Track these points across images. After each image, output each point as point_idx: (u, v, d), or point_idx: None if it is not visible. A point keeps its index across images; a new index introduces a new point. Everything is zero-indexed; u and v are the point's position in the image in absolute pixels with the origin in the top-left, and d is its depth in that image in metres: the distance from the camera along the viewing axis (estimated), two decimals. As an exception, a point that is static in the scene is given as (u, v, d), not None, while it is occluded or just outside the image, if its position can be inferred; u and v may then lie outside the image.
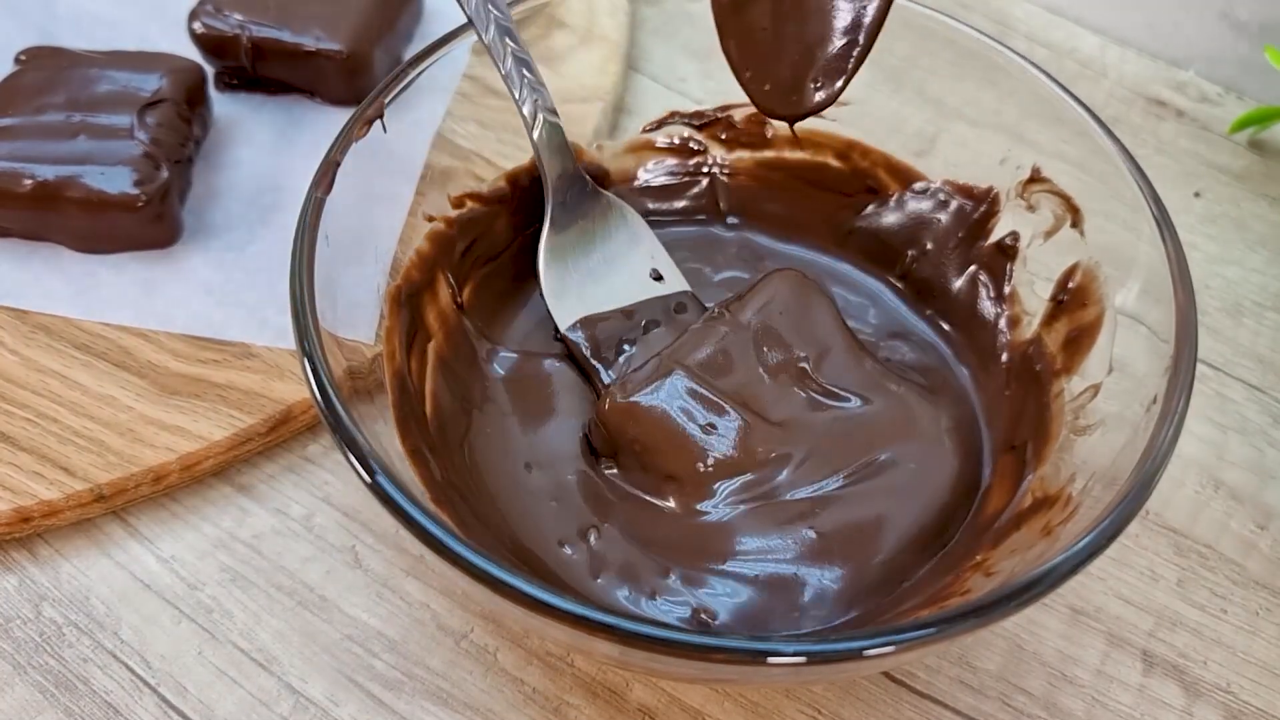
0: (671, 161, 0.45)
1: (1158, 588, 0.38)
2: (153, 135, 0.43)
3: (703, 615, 0.33)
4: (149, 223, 0.43)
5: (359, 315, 0.35)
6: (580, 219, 0.41)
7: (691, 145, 0.45)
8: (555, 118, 0.39)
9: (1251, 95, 0.55)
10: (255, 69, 0.49)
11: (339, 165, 0.34)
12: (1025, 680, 0.36)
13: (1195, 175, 0.51)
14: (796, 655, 0.25)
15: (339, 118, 0.36)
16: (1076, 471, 0.33)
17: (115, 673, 0.35)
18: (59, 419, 0.39)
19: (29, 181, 0.42)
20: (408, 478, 0.32)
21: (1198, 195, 0.50)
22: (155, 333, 0.41)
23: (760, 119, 0.44)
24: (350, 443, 0.28)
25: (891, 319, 0.41)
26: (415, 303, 0.38)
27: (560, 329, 0.39)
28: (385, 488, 0.28)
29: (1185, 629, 0.37)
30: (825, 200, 0.43)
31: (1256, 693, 0.36)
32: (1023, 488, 0.35)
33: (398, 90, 0.37)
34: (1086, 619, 0.37)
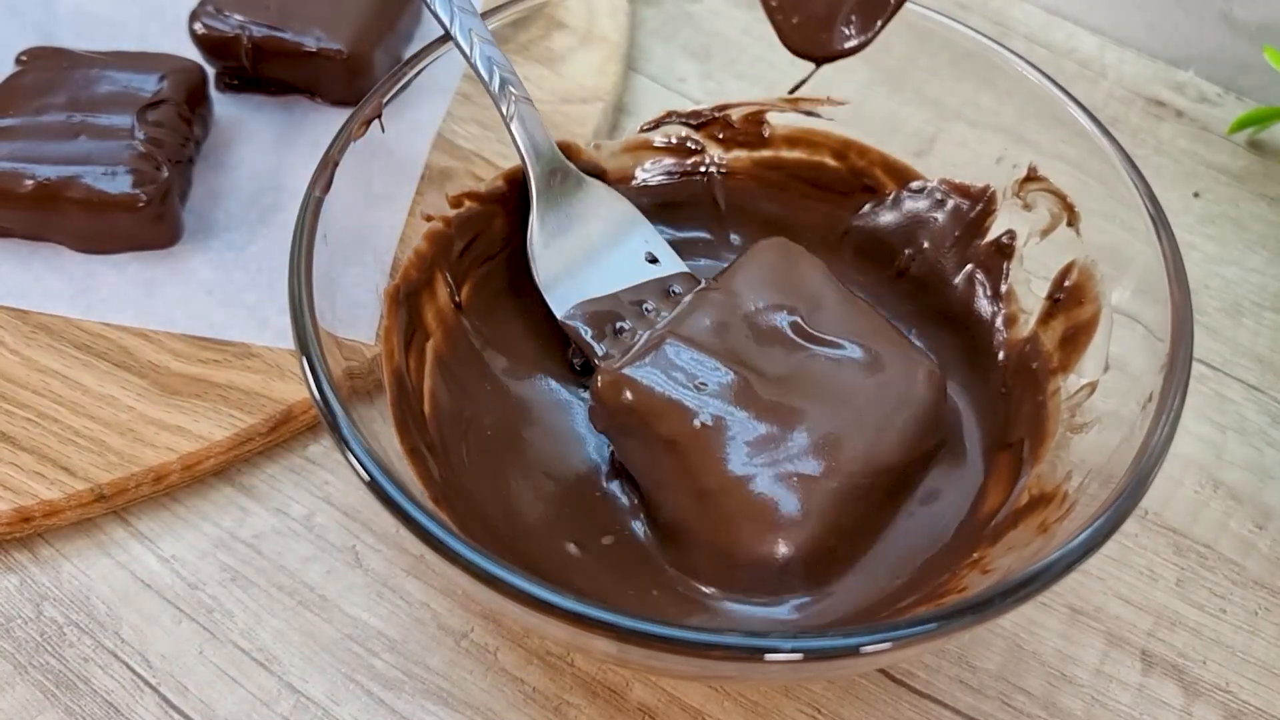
0: (669, 161, 0.45)
1: (1157, 587, 0.38)
2: (153, 136, 0.44)
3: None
4: (150, 223, 0.43)
5: (358, 315, 0.35)
6: (568, 206, 0.41)
7: (689, 145, 0.45)
8: (530, 105, 0.39)
9: (1251, 95, 0.55)
10: (256, 69, 0.49)
11: (338, 165, 0.34)
12: (1025, 680, 0.36)
13: (1194, 175, 0.51)
14: (794, 652, 0.25)
15: (339, 118, 0.36)
16: (1073, 469, 0.33)
17: (116, 672, 0.35)
18: (60, 419, 0.39)
19: (30, 182, 0.42)
20: (407, 477, 0.32)
21: (1197, 195, 0.50)
22: (156, 333, 0.42)
23: (758, 118, 0.44)
24: (349, 442, 0.28)
25: (889, 318, 0.41)
26: (413, 302, 0.38)
27: (557, 316, 0.39)
28: (384, 487, 0.28)
29: (1184, 629, 0.37)
30: (822, 199, 0.44)
31: (1256, 692, 0.36)
32: (1019, 485, 0.35)
33: (396, 90, 0.37)
34: (1086, 619, 0.37)
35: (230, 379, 0.40)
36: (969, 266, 0.41)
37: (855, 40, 0.36)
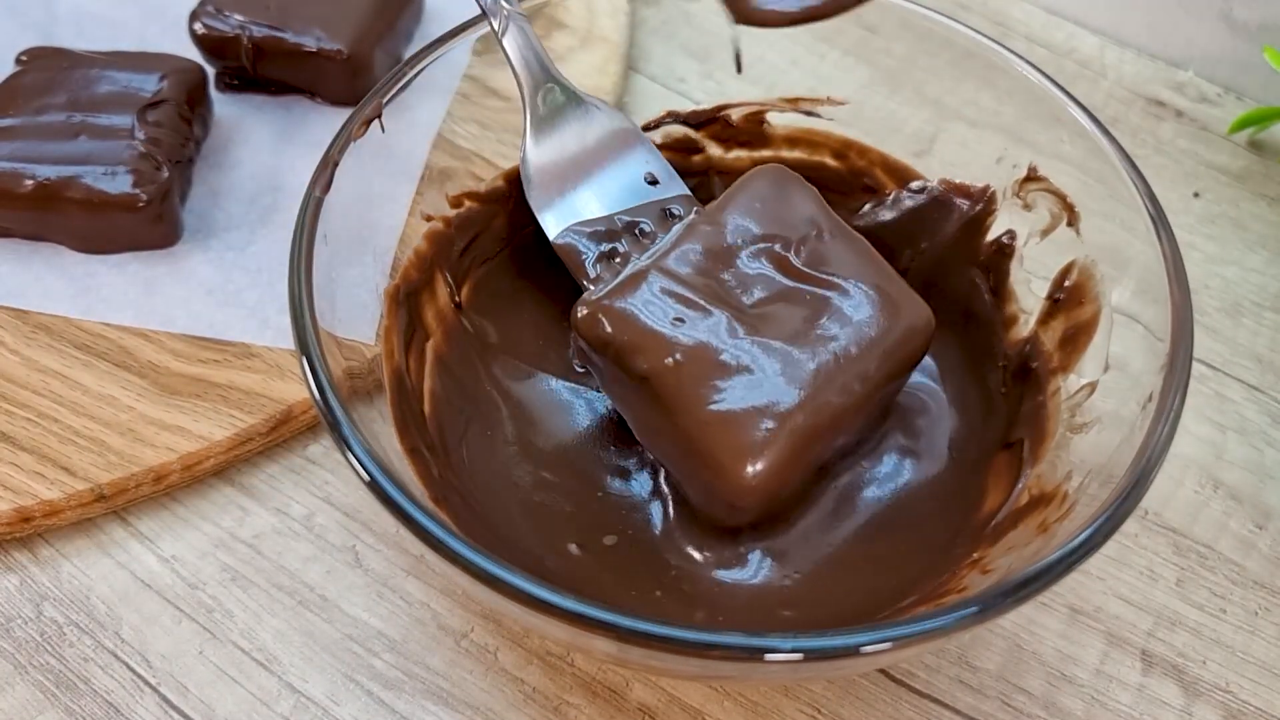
0: (669, 161, 0.45)
1: (1157, 587, 0.38)
2: (153, 136, 0.44)
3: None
4: (150, 223, 0.43)
5: (358, 315, 0.35)
6: (563, 125, 0.40)
7: (689, 144, 0.45)
8: (524, 21, 0.39)
9: (1251, 95, 0.55)
10: (256, 69, 0.49)
11: (338, 165, 0.34)
12: (1025, 680, 0.36)
13: (1194, 175, 0.51)
14: (794, 652, 0.25)
15: (339, 118, 0.36)
16: (1073, 469, 0.33)
17: (116, 672, 0.35)
18: (60, 419, 0.39)
19: (30, 182, 0.42)
20: (407, 477, 0.32)
21: (1197, 195, 0.50)
22: (156, 333, 0.42)
23: (758, 118, 0.44)
24: (349, 442, 0.28)
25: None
26: (414, 302, 0.38)
27: (550, 237, 0.39)
28: (384, 487, 0.28)
29: (1184, 628, 0.37)
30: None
31: (1256, 692, 0.36)
32: (1019, 485, 0.35)
33: (396, 90, 0.37)
34: (1085, 619, 0.37)
35: (230, 379, 0.40)
36: (969, 266, 0.41)
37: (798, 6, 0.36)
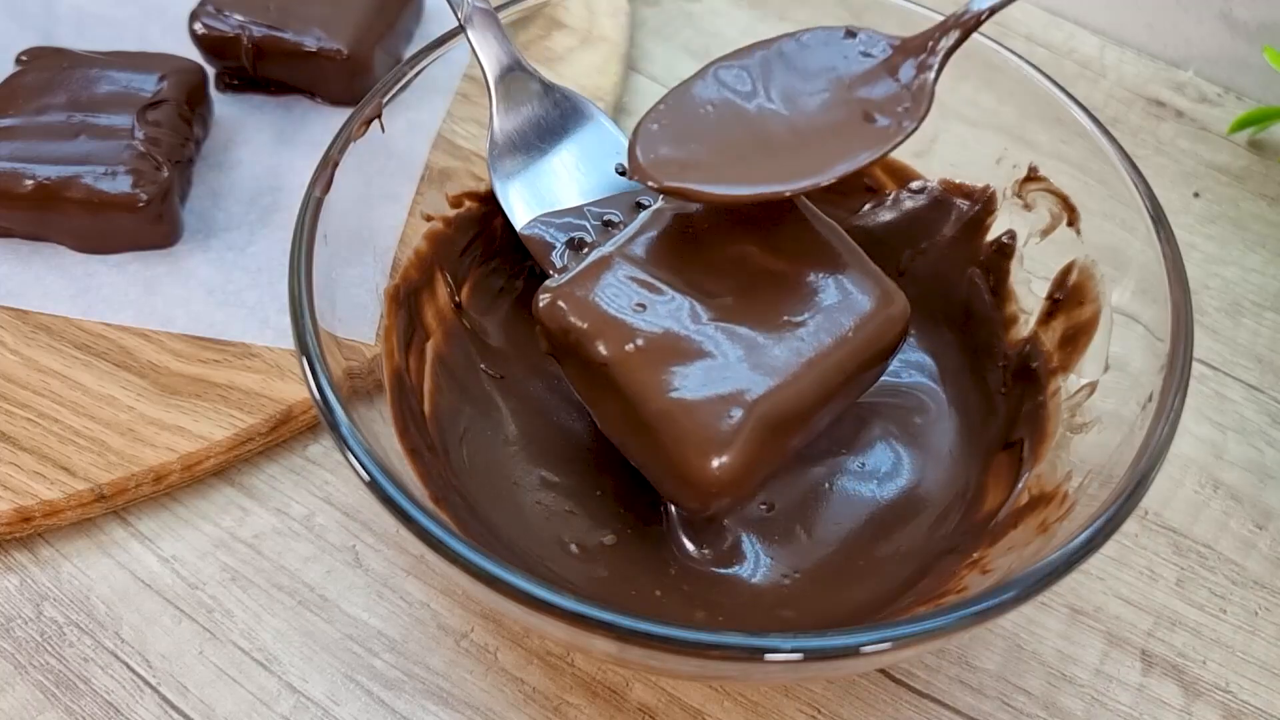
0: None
1: (1157, 587, 0.38)
2: (153, 136, 0.44)
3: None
4: (150, 223, 0.43)
5: (358, 315, 0.35)
6: (530, 113, 0.39)
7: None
8: (487, 10, 0.38)
9: (1250, 95, 0.55)
10: (256, 69, 0.49)
11: (338, 165, 0.34)
12: (1024, 680, 0.36)
13: (1194, 175, 0.51)
14: (794, 652, 0.25)
15: (339, 118, 0.36)
16: (1073, 469, 0.33)
17: (116, 672, 0.35)
18: (60, 419, 0.39)
19: (30, 182, 0.42)
20: (407, 477, 0.32)
21: (1197, 195, 0.50)
22: (156, 333, 0.42)
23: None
24: (349, 442, 0.28)
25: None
26: (414, 302, 0.38)
27: (516, 229, 0.38)
28: (384, 487, 0.28)
29: (1184, 628, 0.37)
30: (822, 199, 0.43)
31: (1255, 692, 0.36)
32: (1019, 485, 0.35)
33: (396, 90, 0.37)
34: (1085, 618, 0.37)
35: (230, 379, 0.40)
36: (969, 267, 0.41)
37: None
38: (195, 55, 0.49)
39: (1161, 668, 0.37)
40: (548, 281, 0.34)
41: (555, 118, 0.40)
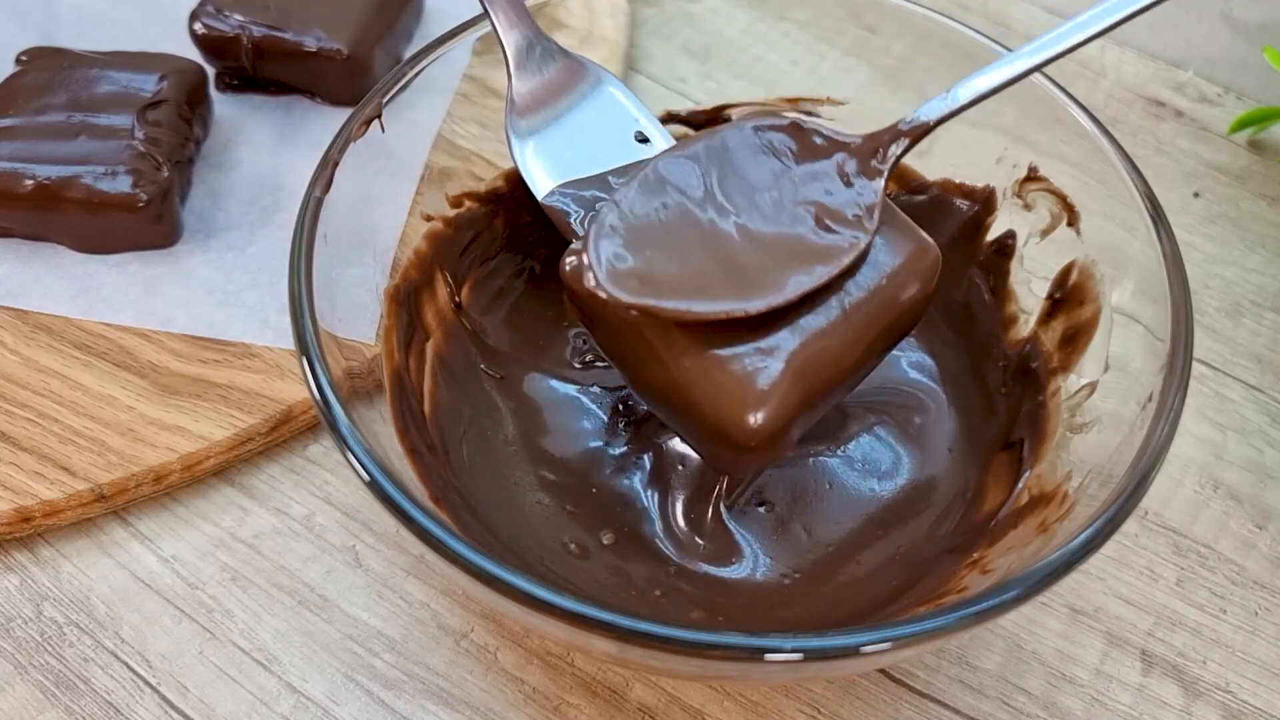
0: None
1: (1157, 587, 0.38)
2: (153, 136, 0.44)
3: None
4: (150, 223, 0.43)
5: (358, 315, 0.35)
6: (547, 81, 0.39)
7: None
8: None
9: (1250, 95, 0.55)
10: (256, 69, 0.49)
11: (338, 165, 0.34)
12: (1024, 680, 0.36)
13: (1194, 175, 0.51)
14: (794, 652, 0.25)
15: (339, 118, 0.36)
16: (1073, 469, 0.33)
17: (116, 672, 0.35)
18: (60, 419, 0.39)
19: (30, 182, 0.42)
20: (407, 477, 0.32)
21: (1197, 195, 0.50)
22: (156, 333, 0.42)
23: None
24: (349, 442, 0.28)
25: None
26: (414, 302, 0.38)
27: (537, 198, 0.37)
28: (384, 487, 0.28)
29: (1184, 628, 0.37)
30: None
31: (1255, 692, 0.36)
32: (1019, 485, 0.35)
33: (396, 90, 0.37)
34: (1086, 618, 0.37)
35: (230, 379, 0.40)
36: (969, 267, 0.41)
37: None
38: (195, 55, 0.49)
39: (1161, 668, 0.37)
40: (573, 244, 0.33)
41: (573, 85, 0.39)
